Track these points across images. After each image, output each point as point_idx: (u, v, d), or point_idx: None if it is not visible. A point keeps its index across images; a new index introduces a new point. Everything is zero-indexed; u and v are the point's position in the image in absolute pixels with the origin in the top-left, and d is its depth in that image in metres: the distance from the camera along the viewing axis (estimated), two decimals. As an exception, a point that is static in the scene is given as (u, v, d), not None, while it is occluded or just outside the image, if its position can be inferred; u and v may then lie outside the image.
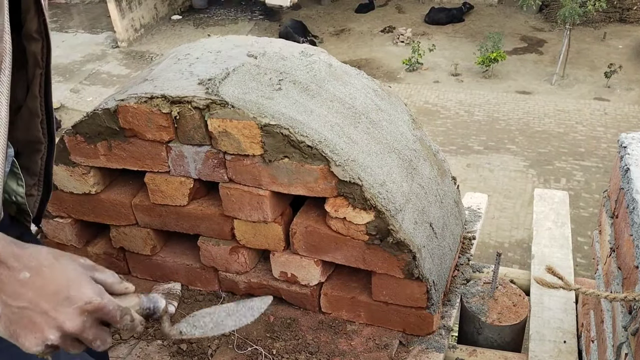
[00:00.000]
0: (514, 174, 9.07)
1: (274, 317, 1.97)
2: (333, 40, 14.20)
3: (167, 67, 1.89)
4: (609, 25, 13.61)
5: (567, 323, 1.91)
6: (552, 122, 10.34)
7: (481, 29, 13.95)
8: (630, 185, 1.38)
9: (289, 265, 1.89)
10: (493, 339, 1.95)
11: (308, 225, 1.78)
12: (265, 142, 1.66)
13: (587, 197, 8.39)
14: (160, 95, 1.71)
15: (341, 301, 1.91)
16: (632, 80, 11.40)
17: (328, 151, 1.62)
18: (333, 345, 1.85)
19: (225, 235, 1.93)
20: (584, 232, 7.55)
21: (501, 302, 1.98)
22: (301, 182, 1.69)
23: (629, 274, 1.29)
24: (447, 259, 1.90)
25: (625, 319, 1.27)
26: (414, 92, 11.62)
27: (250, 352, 1.84)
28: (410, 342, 1.85)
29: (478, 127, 10.34)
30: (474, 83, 11.87)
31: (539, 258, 2.19)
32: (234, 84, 1.71)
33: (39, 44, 1.01)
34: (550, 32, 13.69)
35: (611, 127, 10.04)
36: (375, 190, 1.64)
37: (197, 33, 14.88)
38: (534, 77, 11.93)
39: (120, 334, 1.90)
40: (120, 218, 2.02)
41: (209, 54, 1.91)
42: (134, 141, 1.81)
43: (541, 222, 2.38)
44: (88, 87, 12.79)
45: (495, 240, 7.63)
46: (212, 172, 1.80)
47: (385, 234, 1.67)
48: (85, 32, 15.56)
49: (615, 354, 1.32)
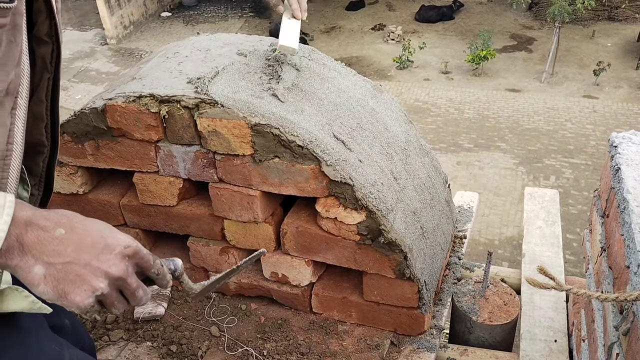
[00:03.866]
0: (503, 171, 9.11)
1: (265, 317, 1.96)
2: (323, 37, 14.17)
3: (155, 66, 1.87)
4: (597, 24, 13.69)
5: (558, 322, 1.92)
6: (541, 120, 10.39)
7: (471, 27, 13.99)
8: (621, 184, 1.38)
9: (279, 265, 1.88)
10: (484, 338, 1.95)
11: (299, 225, 1.77)
12: (255, 141, 1.64)
13: (576, 194, 8.45)
14: (148, 94, 1.69)
15: (332, 301, 1.90)
16: (621, 78, 11.49)
17: (319, 151, 1.61)
18: (324, 346, 1.84)
19: (215, 235, 1.91)
20: (573, 229, 7.60)
21: (492, 301, 1.98)
22: (292, 182, 1.68)
23: (620, 273, 1.29)
24: (439, 259, 1.90)
25: (616, 319, 1.27)
26: (404, 90, 11.63)
27: (240, 353, 1.83)
28: (401, 342, 1.84)
29: (468, 125, 10.37)
30: (464, 81, 11.90)
31: (530, 257, 2.19)
32: (223, 83, 1.69)
33: (49, 47, 1.00)
34: (540, 30, 13.76)
35: (600, 125, 10.11)
36: (367, 190, 1.63)
37: (186, 30, 14.80)
38: (523, 75, 11.99)
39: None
40: (108, 218, 2.00)
41: (198, 52, 1.89)
42: (122, 141, 1.79)
43: (532, 221, 2.38)
44: (77, 84, 12.68)
45: (485, 237, 7.66)
46: (201, 172, 1.78)
47: (376, 234, 1.66)
48: (74, 29, 15.41)
49: (607, 353, 1.32)
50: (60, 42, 1.01)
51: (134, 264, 0.85)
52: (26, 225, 0.78)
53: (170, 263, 0.98)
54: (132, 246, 0.84)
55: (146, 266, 0.88)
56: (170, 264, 0.98)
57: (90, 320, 1.97)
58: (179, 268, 0.99)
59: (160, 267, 0.91)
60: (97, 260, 0.80)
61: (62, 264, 0.79)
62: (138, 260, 0.86)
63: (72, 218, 0.83)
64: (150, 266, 0.88)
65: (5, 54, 0.86)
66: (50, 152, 1.10)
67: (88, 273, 0.80)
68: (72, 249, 0.80)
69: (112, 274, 0.81)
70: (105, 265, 0.81)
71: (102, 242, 0.82)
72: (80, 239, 0.81)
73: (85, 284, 0.79)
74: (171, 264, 0.98)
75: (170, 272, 0.97)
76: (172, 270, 0.97)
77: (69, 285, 0.79)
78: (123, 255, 0.83)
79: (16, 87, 0.92)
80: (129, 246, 0.84)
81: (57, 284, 0.79)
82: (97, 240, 0.82)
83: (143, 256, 0.86)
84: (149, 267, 0.88)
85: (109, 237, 0.83)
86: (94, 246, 0.81)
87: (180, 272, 0.99)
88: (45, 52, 0.99)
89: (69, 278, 0.79)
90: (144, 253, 0.86)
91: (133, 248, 0.84)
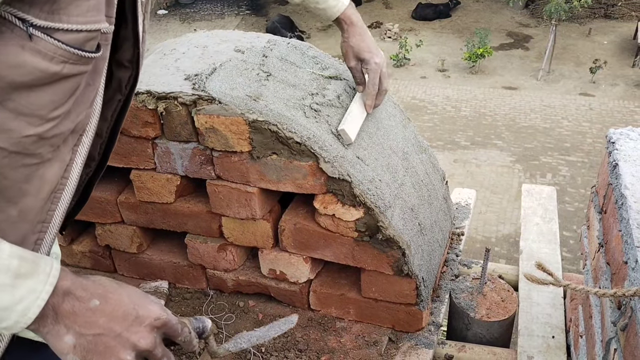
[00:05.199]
0: (500, 169, 9.12)
1: (263, 314, 1.95)
2: (320, 35, 14.17)
3: (152, 62, 1.86)
4: (594, 21, 13.73)
5: (556, 318, 1.92)
6: (538, 118, 10.42)
7: (468, 25, 14.01)
8: (619, 180, 1.39)
9: (277, 262, 1.88)
10: (482, 335, 1.95)
11: (297, 222, 1.77)
12: (253, 138, 1.64)
13: (572, 191, 8.47)
14: (145, 91, 1.68)
15: (330, 298, 1.90)
16: (617, 76, 11.52)
17: (317, 147, 1.60)
18: (322, 343, 1.84)
19: (213, 232, 1.91)
20: (570, 226, 7.62)
21: (490, 297, 1.98)
22: (290, 179, 1.68)
23: (618, 269, 1.30)
24: (436, 255, 1.90)
25: (614, 315, 1.28)
26: (401, 88, 11.63)
27: (238, 350, 1.82)
28: (399, 339, 1.84)
29: (465, 123, 10.39)
30: (460, 79, 11.92)
31: (527, 253, 2.20)
32: (221, 80, 1.69)
33: (128, 72, 0.99)
34: (536, 28, 13.79)
35: (596, 122, 10.14)
36: (365, 187, 1.63)
37: (182, 28, 14.76)
38: (520, 72, 12.01)
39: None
40: (105, 216, 1.99)
41: (195, 49, 1.88)
42: (119, 137, 1.78)
43: (529, 218, 2.38)
44: (73, 82, 12.62)
45: (482, 235, 7.68)
46: (199, 169, 1.77)
47: (374, 231, 1.66)
48: (70, 26, 15.35)
49: (604, 349, 1.32)
50: (140, 69, 1.01)
51: (162, 332, 0.86)
52: (64, 295, 0.78)
53: (199, 324, 0.97)
54: (162, 318, 0.85)
55: (174, 335, 0.88)
56: (199, 325, 0.97)
57: None
58: (207, 330, 0.98)
59: (187, 335, 0.91)
60: (127, 332, 0.81)
61: (93, 335, 0.80)
62: (167, 330, 0.87)
63: (107, 287, 0.83)
64: (178, 335, 0.88)
65: (80, 96, 0.85)
66: (96, 167, 1.10)
67: (117, 345, 0.81)
68: (104, 320, 0.80)
69: (140, 347, 0.82)
70: (135, 338, 0.81)
71: (134, 313, 0.83)
72: (113, 310, 0.81)
73: (114, 356, 0.80)
74: (200, 325, 0.97)
75: (198, 332, 0.96)
76: (199, 330, 0.97)
77: (97, 356, 0.80)
78: (152, 328, 0.84)
79: (84, 126, 0.91)
80: (159, 318, 0.84)
81: (85, 354, 0.80)
82: (129, 311, 0.82)
83: (172, 326, 0.87)
84: (177, 336, 0.89)
85: (140, 308, 0.84)
86: (126, 318, 0.82)
87: (208, 334, 0.98)
88: (123, 76, 0.99)
89: (98, 349, 0.80)
90: (173, 323, 0.87)
91: (163, 320, 0.85)
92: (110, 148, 1.09)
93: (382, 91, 1.70)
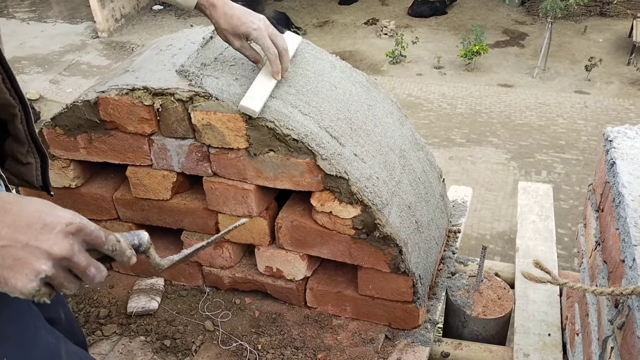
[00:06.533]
0: (495, 166, 9.14)
1: (259, 312, 1.95)
2: (316, 32, 14.14)
3: (148, 58, 1.85)
4: (589, 19, 13.75)
5: (552, 316, 1.92)
6: (533, 115, 10.44)
7: (464, 22, 14.01)
8: (616, 179, 1.39)
9: (274, 259, 1.87)
10: (478, 332, 1.95)
11: (294, 219, 1.76)
12: (250, 135, 1.63)
13: (567, 189, 8.50)
14: (142, 87, 1.67)
15: (327, 296, 1.89)
16: (612, 74, 11.55)
17: (314, 145, 1.60)
18: (319, 340, 1.83)
19: (210, 229, 1.90)
20: (565, 224, 7.65)
21: (486, 295, 1.98)
22: (287, 176, 1.67)
23: (615, 267, 1.30)
24: (433, 253, 1.90)
25: (611, 313, 1.28)
26: (397, 85, 11.63)
27: (235, 348, 1.82)
28: (396, 336, 1.84)
29: (460, 120, 10.40)
30: (456, 76, 11.92)
31: (524, 251, 2.20)
32: (217, 76, 1.68)
33: None
34: (532, 26, 13.80)
35: (591, 120, 10.17)
36: (362, 184, 1.62)
37: (178, 24, 14.71)
38: (515, 70, 12.02)
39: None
40: (101, 212, 1.98)
41: (192, 45, 1.87)
42: (115, 134, 1.77)
43: (525, 215, 2.39)
44: (67, 78, 12.58)
45: (477, 232, 7.70)
46: (195, 165, 1.76)
47: (371, 228, 1.66)
48: (65, 22, 15.27)
49: (601, 347, 1.33)
50: None
51: (82, 241, 0.79)
52: None
53: (134, 238, 0.90)
54: (75, 223, 0.78)
55: (97, 242, 0.81)
56: (134, 238, 0.90)
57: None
58: (144, 243, 0.91)
59: (115, 243, 0.84)
60: (36, 240, 0.75)
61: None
62: (85, 237, 0.80)
63: (4, 199, 0.77)
64: (102, 242, 0.81)
65: None
66: (24, 114, 1.06)
67: (27, 255, 0.74)
68: (7, 231, 0.74)
69: (55, 253, 0.75)
70: (46, 245, 0.75)
71: (40, 221, 0.76)
72: (15, 220, 0.75)
73: (26, 267, 0.74)
74: (135, 238, 0.90)
75: (134, 248, 0.89)
76: (136, 246, 0.90)
77: (8, 270, 0.74)
78: (66, 233, 0.77)
79: None
80: (71, 223, 0.78)
81: None
82: (34, 219, 0.76)
83: (91, 232, 0.80)
84: (101, 243, 0.82)
85: (48, 215, 0.77)
86: (31, 226, 0.76)
87: (146, 247, 0.92)
88: None
89: (7, 263, 0.74)
90: (91, 229, 0.80)
91: (76, 225, 0.78)
92: (16, 85, 1.04)
93: (282, 51, 1.56)
